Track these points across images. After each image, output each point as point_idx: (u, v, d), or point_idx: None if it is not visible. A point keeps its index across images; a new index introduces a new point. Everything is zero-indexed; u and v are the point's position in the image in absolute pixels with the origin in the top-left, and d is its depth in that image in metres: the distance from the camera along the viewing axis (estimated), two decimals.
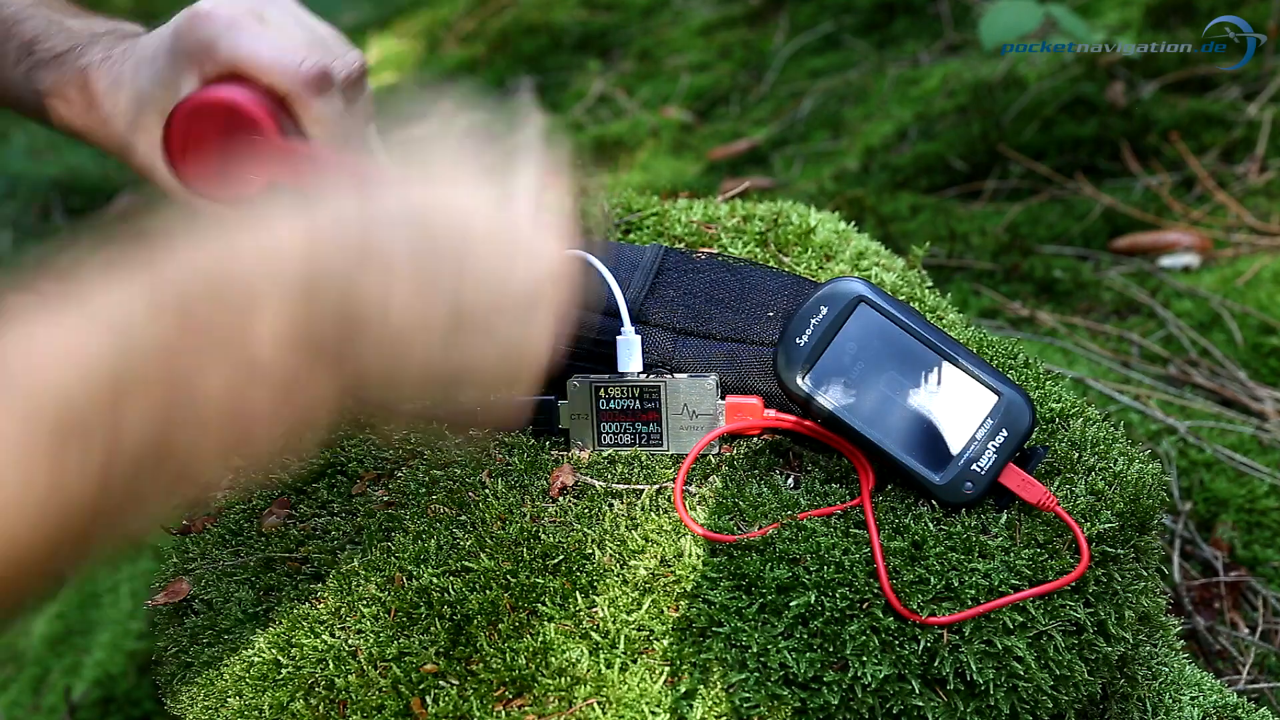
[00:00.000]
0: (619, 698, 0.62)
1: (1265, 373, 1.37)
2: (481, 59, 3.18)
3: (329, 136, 0.70)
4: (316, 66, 0.69)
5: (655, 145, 2.44)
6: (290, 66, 0.68)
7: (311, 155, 0.69)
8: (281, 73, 0.68)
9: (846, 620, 0.62)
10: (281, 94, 0.69)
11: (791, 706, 0.61)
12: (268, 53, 0.68)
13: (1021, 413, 0.68)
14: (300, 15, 0.73)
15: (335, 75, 0.70)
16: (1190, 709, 0.77)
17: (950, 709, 0.62)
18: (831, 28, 2.64)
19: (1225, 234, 1.63)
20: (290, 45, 0.69)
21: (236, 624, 0.70)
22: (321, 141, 0.70)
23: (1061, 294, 1.61)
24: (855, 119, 2.29)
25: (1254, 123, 1.77)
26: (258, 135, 0.68)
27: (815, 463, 0.72)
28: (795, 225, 0.95)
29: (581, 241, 0.65)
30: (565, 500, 0.71)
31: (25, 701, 1.59)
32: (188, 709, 0.71)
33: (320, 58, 0.70)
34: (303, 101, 0.69)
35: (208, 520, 0.80)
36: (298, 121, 0.70)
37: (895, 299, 0.70)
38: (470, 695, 0.63)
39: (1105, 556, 0.67)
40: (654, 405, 0.73)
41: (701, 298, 0.78)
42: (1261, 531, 1.18)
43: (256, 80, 0.68)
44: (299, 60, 0.68)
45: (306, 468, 0.79)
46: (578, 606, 0.65)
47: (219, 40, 0.68)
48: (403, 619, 0.66)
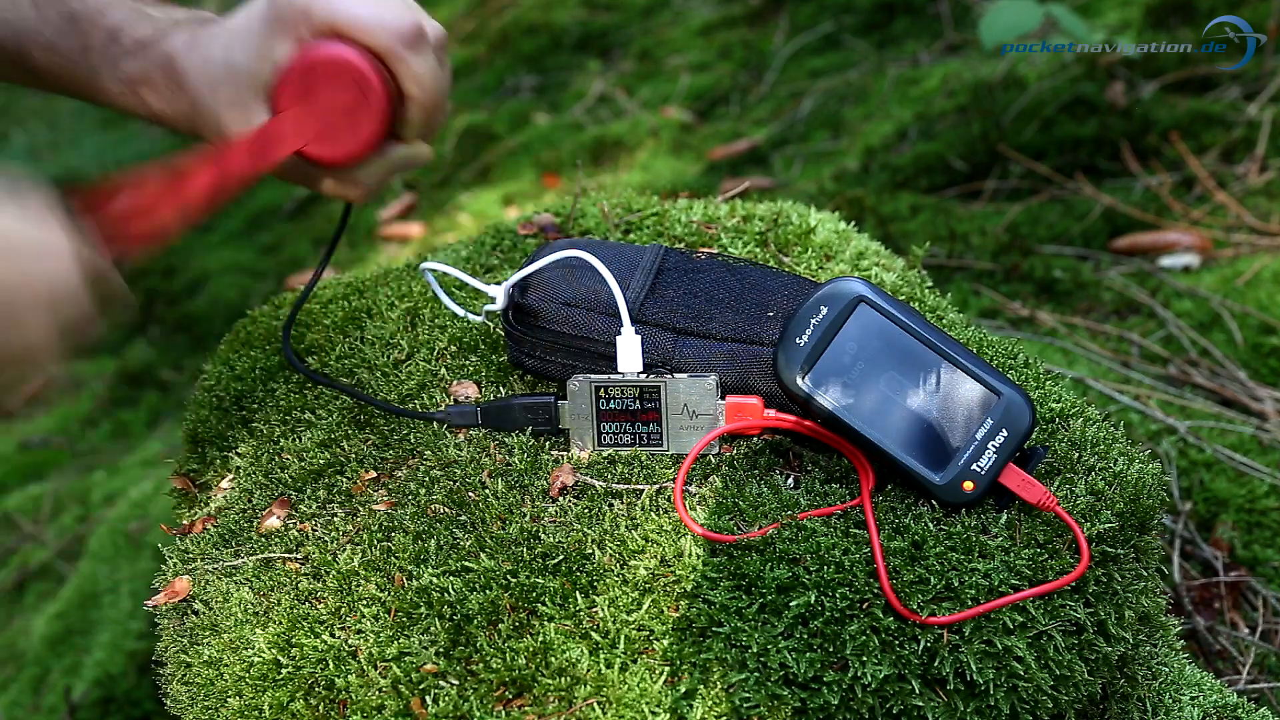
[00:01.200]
0: (619, 698, 0.62)
1: (1265, 373, 1.37)
2: (481, 59, 3.18)
3: (424, 92, 0.72)
4: (413, 24, 0.70)
5: (655, 145, 2.44)
6: (391, 25, 0.70)
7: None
8: (381, 30, 0.69)
9: (846, 620, 0.62)
10: (381, 52, 0.70)
11: (791, 706, 0.61)
12: (367, 13, 0.69)
13: (1021, 413, 0.68)
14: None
15: (431, 33, 0.72)
16: (1190, 709, 0.77)
17: (950, 709, 0.62)
18: (831, 28, 2.64)
19: (1225, 234, 1.63)
20: (386, 4, 0.71)
21: (236, 624, 0.70)
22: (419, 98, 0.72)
23: (1061, 294, 1.61)
24: (855, 119, 2.29)
25: (1254, 123, 1.77)
26: (367, 93, 0.70)
27: (815, 463, 0.72)
28: (795, 225, 0.95)
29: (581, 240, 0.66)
30: (565, 500, 0.71)
31: (25, 701, 1.59)
32: (188, 709, 0.71)
33: (417, 15, 0.71)
34: (402, 59, 0.70)
35: (208, 520, 0.80)
36: (397, 78, 0.71)
37: (895, 299, 0.70)
38: (470, 695, 0.63)
39: (1105, 556, 0.67)
40: (654, 405, 0.73)
41: (701, 298, 0.78)
42: (1261, 531, 1.18)
43: (356, 40, 0.70)
44: (398, 18, 0.70)
45: (307, 467, 0.79)
46: (578, 606, 0.65)
47: (315, 2, 0.69)
48: (403, 619, 0.66)
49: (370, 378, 0.85)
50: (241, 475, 0.82)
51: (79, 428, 2.38)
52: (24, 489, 2.15)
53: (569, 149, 2.52)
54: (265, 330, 0.94)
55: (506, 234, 1.00)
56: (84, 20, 0.74)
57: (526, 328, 0.78)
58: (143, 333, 2.69)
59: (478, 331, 0.87)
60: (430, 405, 0.81)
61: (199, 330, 2.59)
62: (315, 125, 0.71)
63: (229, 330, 0.98)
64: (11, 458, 2.29)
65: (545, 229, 1.00)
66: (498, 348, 0.85)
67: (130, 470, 2.08)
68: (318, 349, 0.89)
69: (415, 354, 0.86)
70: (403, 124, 0.74)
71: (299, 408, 0.84)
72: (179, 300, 2.74)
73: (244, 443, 0.84)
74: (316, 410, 0.84)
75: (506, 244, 0.99)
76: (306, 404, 0.85)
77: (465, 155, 2.73)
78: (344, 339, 0.89)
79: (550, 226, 1.00)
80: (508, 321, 0.79)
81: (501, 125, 2.79)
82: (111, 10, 0.75)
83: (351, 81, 0.70)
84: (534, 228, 1.00)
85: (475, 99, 3.01)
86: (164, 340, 2.62)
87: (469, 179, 2.62)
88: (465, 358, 0.85)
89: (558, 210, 1.03)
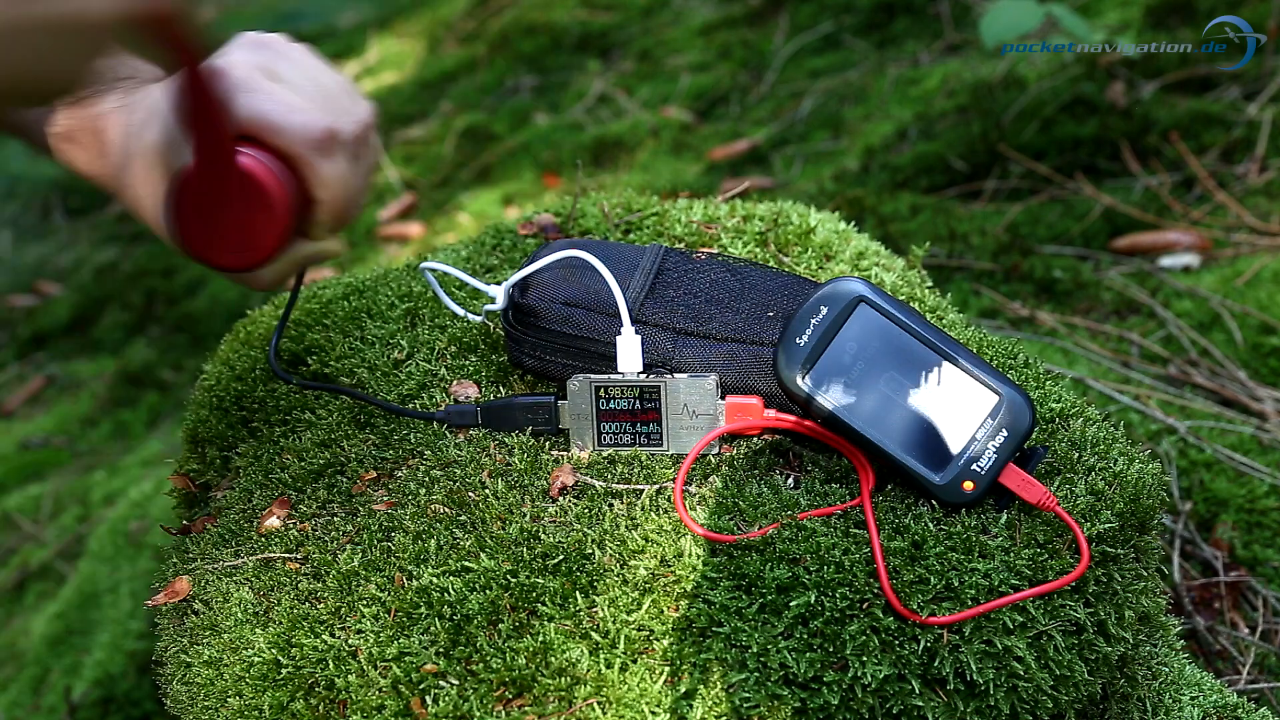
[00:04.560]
0: (619, 698, 0.62)
1: (1265, 373, 1.37)
2: (481, 59, 3.18)
3: (333, 197, 0.70)
4: (324, 130, 0.68)
5: (655, 145, 2.44)
6: (299, 129, 0.67)
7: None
8: (290, 136, 0.67)
9: (846, 620, 0.62)
10: (289, 156, 0.68)
11: (791, 706, 0.61)
12: (277, 115, 0.67)
13: (1021, 413, 0.68)
14: (313, 69, 0.72)
15: (343, 135, 0.70)
16: (1190, 709, 0.77)
17: (950, 709, 0.62)
18: (831, 28, 2.64)
19: (1225, 234, 1.63)
20: (299, 106, 0.69)
21: (236, 624, 0.70)
22: (327, 201, 0.70)
23: (1061, 294, 1.61)
24: (855, 119, 2.29)
25: (1254, 123, 1.77)
26: (269, 203, 0.67)
27: (815, 463, 0.72)
28: (795, 225, 0.95)
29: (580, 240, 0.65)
30: (565, 500, 0.71)
31: (25, 701, 1.59)
32: (187, 709, 0.71)
33: (329, 119, 0.69)
34: (309, 164, 0.68)
35: (208, 520, 0.80)
36: (304, 182, 0.69)
37: (895, 299, 0.70)
38: (470, 695, 0.63)
39: (1105, 556, 0.67)
40: (654, 405, 0.73)
41: (701, 298, 0.78)
42: (1261, 531, 1.18)
43: (264, 141, 0.68)
44: (307, 123, 0.68)
45: (307, 467, 0.79)
46: (578, 606, 0.65)
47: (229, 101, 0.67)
48: (403, 619, 0.66)
49: (370, 378, 0.85)
50: (241, 475, 0.82)
51: (79, 428, 2.39)
52: (24, 489, 2.16)
53: (569, 149, 2.52)
54: (265, 330, 0.94)
55: (506, 234, 1.00)
56: None
57: (526, 328, 0.78)
58: (142, 332, 2.70)
59: (478, 331, 0.87)
60: (430, 405, 0.81)
61: (199, 330, 2.59)
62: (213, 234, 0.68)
63: (229, 330, 0.98)
64: (11, 458, 2.29)
65: (545, 229, 1.00)
66: (498, 348, 0.85)
67: (130, 470, 2.08)
68: (318, 349, 0.89)
69: (415, 354, 0.86)
70: (310, 224, 0.72)
71: (299, 408, 0.84)
72: (179, 300, 2.75)
73: (244, 443, 0.84)
74: (316, 410, 0.84)
75: (506, 244, 0.99)
76: (306, 404, 0.85)
77: (465, 155, 2.73)
78: (344, 339, 0.89)
79: (550, 226, 1.00)
80: (508, 321, 0.79)
81: (501, 125, 2.79)
82: None
83: (254, 191, 0.67)
84: (534, 228, 1.00)
85: (475, 99, 3.01)
86: (164, 340, 2.62)
87: (469, 179, 2.62)
88: (465, 358, 0.85)
89: (558, 210, 1.03)
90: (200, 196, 0.67)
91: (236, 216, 0.67)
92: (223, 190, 0.66)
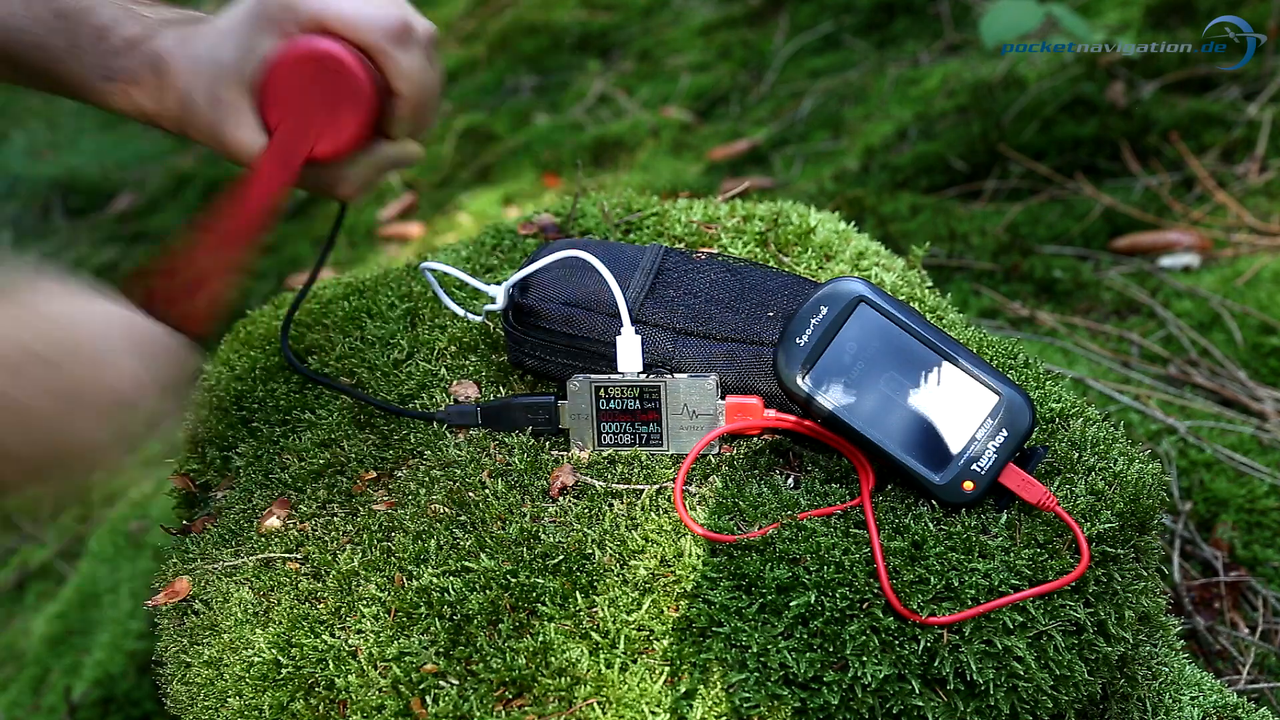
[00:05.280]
0: (619, 698, 0.62)
1: (1265, 373, 1.37)
2: (481, 59, 3.18)
3: (412, 89, 0.71)
4: (400, 20, 0.69)
5: (655, 145, 2.44)
6: (376, 21, 0.69)
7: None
8: (367, 26, 0.69)
9: (846, 620, 0.62)
10: (367, 47, 0.69)
11: (791, 706, 0.61)
12: (352, 7, 0.68)
13: (1021, 413, 0.68)
14: None
15: (418, 29, 0.71)
16: (1190, 709, 0.77)
17: (950, 709, 0.62)
18: (831, 28, 2.64)
19: (1225, 234, 1.63)
20: (373, 1, 0.70)
21: (236, 624, 0.70)
22: (407, 94, 0.71)
23: (1061, 294, 1.61)
24: (855, 119, 2.29)
25: (1254, 123, 1.77)
26: (353, 87, 0.68)
27: (815, 463, 0.72)
28: (795, 225, 0.95)
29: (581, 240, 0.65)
30: (565, 500, 0.71)
31: (25, 701, 1.59)
32: (187, 709, 0.71)
33: (403, 11, 0.70)
34: (388, 55, 0.69)
35: (208, 520, 0.80)
36: (384, 75, 0.70)
37: (895, 299, 0.70)
38: (470, 695, 0.63)
39: (1105, 556, 0.67)
40: (654, 405, 0.73)
41: (701, 298, 0.78)
42: (1261, 531, 1.18)
43: (342, 35, 0.69)
44: (383, 14, 0.69)
45: (307, 468, 0.79)
46: (578, 606, 0.65)
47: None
48: (403, 619, 0.66)
49: (370, 378, 0.85)
50: (241, 475, 0.82)
51: None
52: None
53: (569, 149, 2.52)
54: (265, 330, 0.94)
55: (506, 234, 1.00)
56: (73, 18, 0.73)
57: (526, 328, 0.78)
58: None
59: (478, 331, 0.87)
60: (430, 405, 0.81)
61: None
62: (310, 122, 0.70)
63: (229, 330, 0.98)
64: None
65: (545, 229, 1.00)
66: (498, 348, 0.84)
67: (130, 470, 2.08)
68: (318, 349, 0.89)
69: (415, 354, 0.86)
70: (391, 121, 0.73)
71: (299, 408, 0.84)
72: None
73: (244, 443, 0.84)
74: (316, 410, 0.84)
75: (506, 244, 0.99)
76: (306, 404, 0.85)
77: (465, 155, 2.72)
78: (344, 339, 0.89)
79: (550, 226, 1.00)
80: (508, 321, 0.79)
81: (501, 125, 2.79)
82: (100, 9, 0.74)
83: (337, 76, 0.69)
84: (534, 228, 1.00)
85: (475, 99, 3.01)
86: None
87: (469, 179, 2.62)
88: (465, 358, 0.85)
89: (558, 210, 1.03)
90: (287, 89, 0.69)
91: (324, 101, 0.69)
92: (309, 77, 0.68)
